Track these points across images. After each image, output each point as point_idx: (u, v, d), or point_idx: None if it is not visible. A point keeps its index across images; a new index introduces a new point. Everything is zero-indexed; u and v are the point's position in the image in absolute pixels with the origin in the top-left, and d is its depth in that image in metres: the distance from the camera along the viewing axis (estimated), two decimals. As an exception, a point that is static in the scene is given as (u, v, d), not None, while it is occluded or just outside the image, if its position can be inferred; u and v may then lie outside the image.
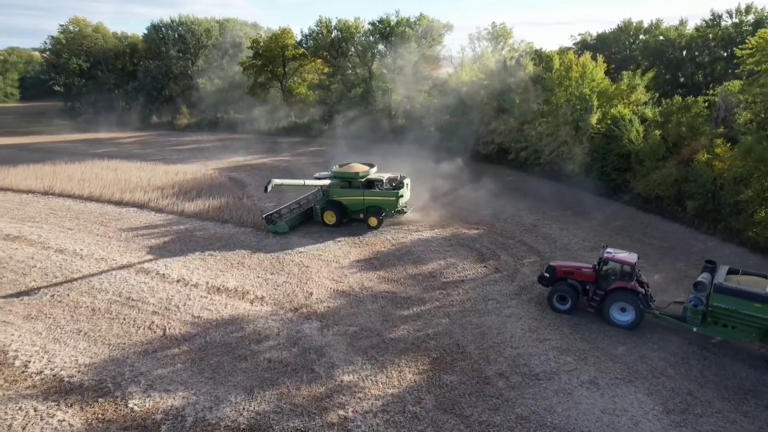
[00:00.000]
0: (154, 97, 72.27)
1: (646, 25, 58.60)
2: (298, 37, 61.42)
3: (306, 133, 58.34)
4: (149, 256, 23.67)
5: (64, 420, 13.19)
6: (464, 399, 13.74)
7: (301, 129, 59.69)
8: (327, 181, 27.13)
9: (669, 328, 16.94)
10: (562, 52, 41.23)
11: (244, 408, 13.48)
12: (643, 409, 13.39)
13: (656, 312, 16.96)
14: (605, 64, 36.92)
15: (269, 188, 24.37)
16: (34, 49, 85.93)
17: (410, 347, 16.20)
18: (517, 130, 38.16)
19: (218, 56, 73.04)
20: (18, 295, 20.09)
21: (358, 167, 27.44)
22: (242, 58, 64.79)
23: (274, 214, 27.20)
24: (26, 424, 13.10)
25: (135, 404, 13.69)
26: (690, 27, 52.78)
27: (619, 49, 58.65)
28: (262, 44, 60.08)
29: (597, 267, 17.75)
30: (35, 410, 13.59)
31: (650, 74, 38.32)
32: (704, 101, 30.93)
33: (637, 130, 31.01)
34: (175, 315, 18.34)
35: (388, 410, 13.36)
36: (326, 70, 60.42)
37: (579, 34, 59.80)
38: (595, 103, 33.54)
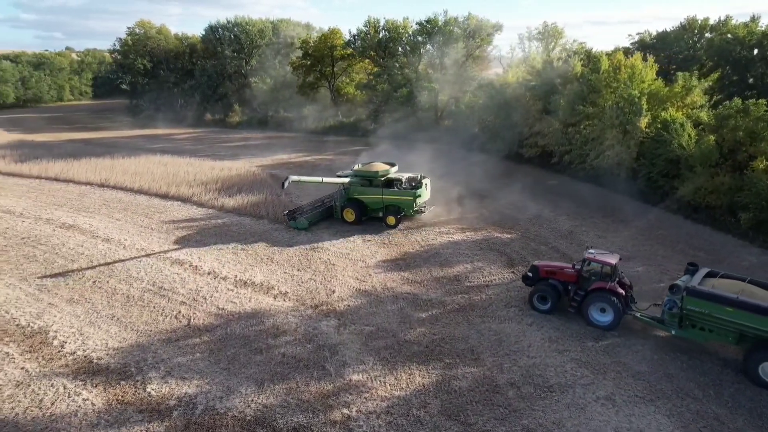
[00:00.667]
0: (209, 96, 75.22)
1: (712, 22, 55.09)
2: (347, 38, 62.08)
3: (352, 132, 59.01)
4: (185, 248, 24.69)
5: (88, 399, 14.00)
6: (471, 407, 13.47)
7: (348, 128, 60.42)
8: (346, 179, 27.43)
9: (701, 349, 15.91)
10: (613, 52, 39.44)
11: (252, 400, 13.82)
12: (661, 431, 12.65)
13: (637, 314, 16.70)
14: (657, 65, 35.07)
15: (286, 184, 24.90)
16: (108, 51, 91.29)
17: (424, 350, 16.05)
18: (561, 132, 36.94)
19: (271, 56, 75.05)
20: (65, 279, 21.49)
21: (379, 166, 27.73)
22: (292, 58, 66.24)
23: (296, 210, 27.92)
24: (55, 400, 14.01)
25: (152, 389, 14.34)
26: (762, 24, 49.14)
27: (681, 48, 55.50)
28: (311, 44, 61.21)
29: (578, 267, 17.84)
30: (64, 388, 14.51)
31: (715, 75, 36.02)
32: (766, 104, 28.77)
33: (689, 135, 29.29)
34: (201, 306, 19.04)
35: (392, 412, 13.31)
36: (373, 69, 60.74)
37: (637, 33, 57.03)
38: (645, 105, 31.92)
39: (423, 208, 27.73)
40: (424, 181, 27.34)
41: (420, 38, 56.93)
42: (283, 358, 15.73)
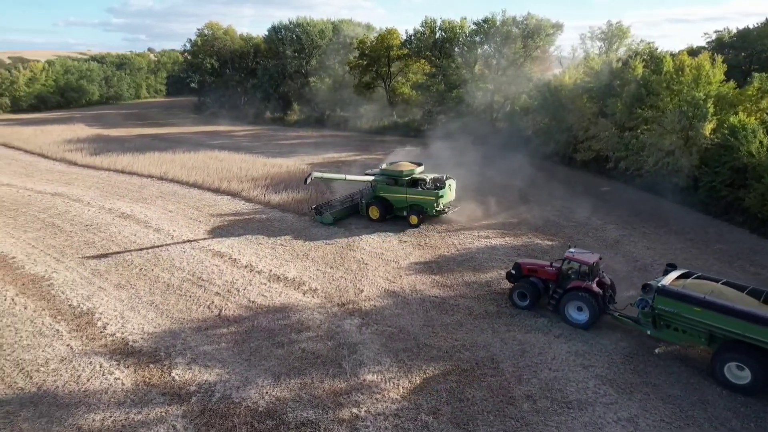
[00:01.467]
0: (270, 94, 77.68)
1: (803, 19, 50.40)
2: (404, 38, 62.13)
3: (406, 132, 58.99)
4: (227, 241, 25.67)
5: (119, 378, 14.89)
6: (481, 416, 13.13)
7: (401, 128, 60.47)
8: (370, 177, 28.00)
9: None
10: (679, 52, 37.05)
11: (267, 392, 14.18)
12: (686, 459, 11.79)
13: (615, 314, 16.90)
14: (725, 66, 32.56)
15: (308, 180, 25.84)
16: (179, 51, 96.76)
17: (443, 355, 15.82)
18: (617, 136, 35.18)
19: (330, 56, 76.46)
20: (116, 265, 22.96)
21: (405, 166, 28.07)
22: (350, 58, 67.16)
23: (323, 205, 28.73)
24: (91, 377, 15.02)
25: (177, 374, 15.04)
26: None
27: (766, 47, 51.20)
28: (368, 45, 61.79)
29: (557, 266, 18.16)
30: (100, 366, 15.53)
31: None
32: None
33: (760, 142, 27.05)
34: (234, 298, 19.73)
35: (400, 416, 13.22)
36: (429, 70, 60.46)
37: (715, 32, 53.11)
38: (711, 109, 29.76)
39: (446, 209, 27.61)
40: (447, 182, 27.24)
41: (477, 38, 56.08)
42: (302, 354, 16.02)
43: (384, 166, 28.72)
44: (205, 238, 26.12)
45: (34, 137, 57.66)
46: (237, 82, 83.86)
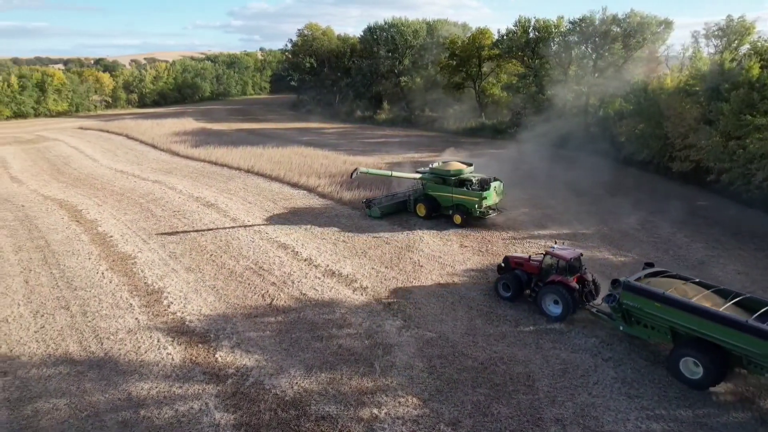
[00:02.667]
0: (362, 93, 79.62)
1: None
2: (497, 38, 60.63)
3: (493, 134, 57.67)
4: (293, 234, 26.79)
5: (170, 354, 16.21)
6: (503, 434, 12.56)
7: (488, 130, 59.13)
8: (416, 175, 28.92)
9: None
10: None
11: (296, 383, 14.67)
12: None
13: (592, 309, 17.37)
14: None
15: (354, 175, 27.36)
16: (281, 51, 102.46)
17: (477, 366, 15.33)
18: (721, 146, 31.61)
19: (423, 56, 76.64)
20: (190, 250, 24.94)
21: (454, 165, 28.32)
22: (440, 59, 66.85)
23: (373, 199, 29.69)
24: (148, 349, 16.50)
25: (220, 355, 16.05)
26: None
27: None
28: (458, 45, 61.09)
29: (539, 260, 18.76)
30: (158, 341, 17.00)
31: None
32: None
33: None
34: (287, 289, 20.59)
35: (419, 422, 13.04)
36: (520, 71, 58.46)
37: None
38: (837, 118, 25.77)
39: (490, 212, 27.37)
40: (492, 184, 26.97)
41: (573, 38, 53.21)
42: (338, 349, 16.34)
43: (434, 165, 29.09)
44: (274, 230, 27.47)
45: (150, 129, 64.09)
46: (332, 81, 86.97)
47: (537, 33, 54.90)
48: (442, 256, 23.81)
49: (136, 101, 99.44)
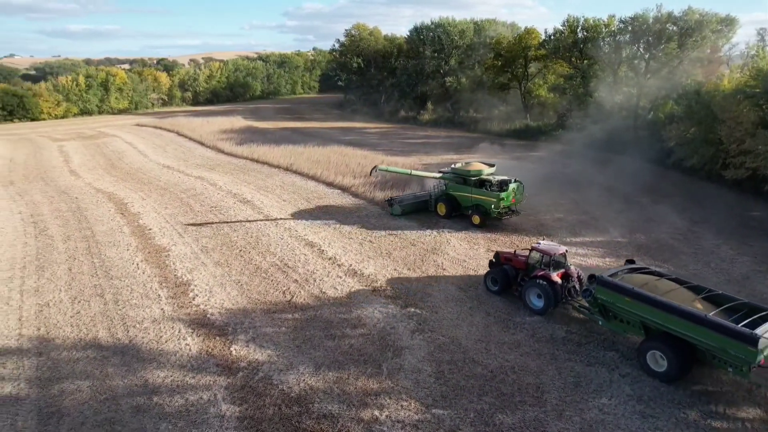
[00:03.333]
0: (407, 93, 79.53)
1: None
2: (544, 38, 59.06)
3: (536, 136, 56.29)
4: (322, 233, 27.15)
5: (188, 345, 16.84)
6: (503, 446, 12.27)
7: (533, 132, 57.72)
8: (436, 174, 29.45)
9: None
10: None
11: (304, 380, 14.89)
12: None
13: (575, 304, 17.87)
14: None
15: (373, 172, 28.71)
16: (329, 51, 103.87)
17: (486, 374, 15.04)
18: (780, 153, 29.49)
19: (470, 56, 75.69)
20: (221, 245, 25.77)
21: (475, 166, 28.51)
22: (486, 59, 65.86)
23: (396, 198, 30.24)
24: (168, 339, 17.20)
25: (234, 349, 16.52)
26: None
27: None
28: (504, 45, 59.97)
29: (526, 255, 19.41)
30: (179, 331, 17.69)
31: None
32: None
33: None
34: (308, 287, 20.91)
35: (419, 427, 12.94)
36: (567, 71, 56.72)
37: None
38: None
39: (508, 213, 27.39)
40: (511, 186, 26.86)
41: (624, 37, 51.07)
42: (349, 349, 16.45)
43: (456, 165, 29.29)
44: (303, 228, 27.94)
45: (199, 127, 66.60)
46: (378, 81, 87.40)
47: (585, 33, 53.02)
48: (466, 260, 23.48)
49: (191, 99, 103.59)
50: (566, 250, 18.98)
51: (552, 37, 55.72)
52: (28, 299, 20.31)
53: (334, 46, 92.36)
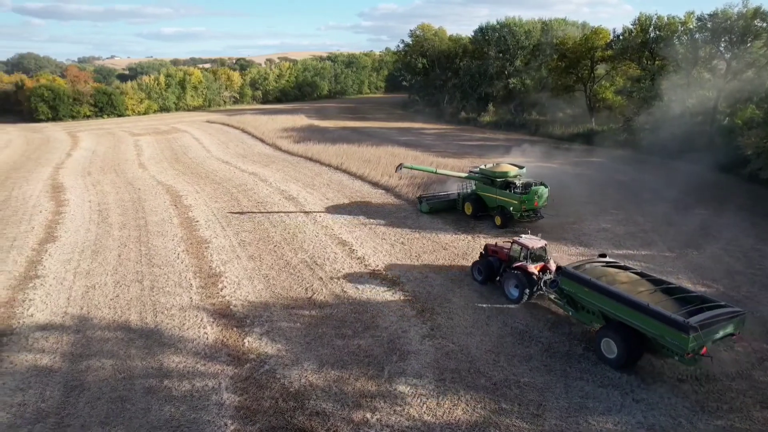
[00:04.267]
0: (469, 95, 78.37)
1: None
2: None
3: (600, 141, 53.56)
4: (357, 232, 27.43)
5: (207, 333, 17.67)
6: (489, 462, 11.87)
7: (597, 137, 54.95)
8: (461, 174, 30.34)
9: None
10: None
11: (305, 376, 15.17)
12: None
13: (551, 296, 18.39)
14: None
15: (398, 170, 30.14)
16: (393, 51, 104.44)
17: (489, 386, 14.60)
18: None
19: (536, 57, 73.33)
20: (258, 239, 26.74)
21: (503, 167, 28.68)
22: (549, 61, 63.54)
23: (424, 195, 31.13)
24: (190, 327, 18.13)
25: (248, 341, 17.13)
26: None
27: None
28: (569, 45, 57.57)
29: (508, 248, 20.50)
30: (201, 320, 18.59)
31: None
32: None
33: None
34: (331, 285, 21.24)
35: (407, 434, 12.81)
36: (635, 73, 53.48)
37: None
38: None
39: (532, 216, 27.29)
40: (533, 189, 26.77)
41: (703, 35, 47.39)
42: (356, 349, 16.56)
43: (484, 166, 29.69)
44: (340, 227, 28.37)
45: (263, 125, 69.30)
46: (442, 82, 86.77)
47: (658, 32, 49.72)
48: (496, 267, 22.81)
49: (260, 97, 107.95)
50: (546, 244, 20.07)
51: (620, 37, 52.78)
52: (79, 281, 22.13)
53: (398, 46, 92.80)
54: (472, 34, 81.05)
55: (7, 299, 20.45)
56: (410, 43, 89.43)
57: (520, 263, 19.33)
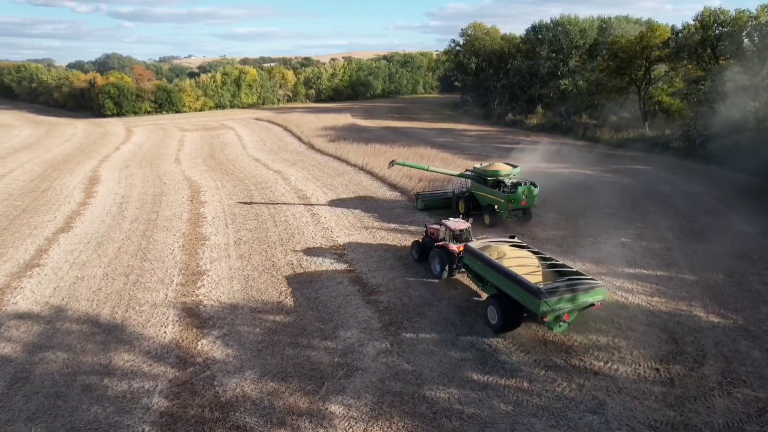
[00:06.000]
0: (518, 96, 75.31)
1: None
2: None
3: (652, 148, 49.52)
4: (356, 236, 26.62)
5: (166, 332, 17.50)
6: (394, 502, 10.68)
7: (648, 143, 50.89)
8: (453, 171, 30.92)
9: None
10: None
11: (241, 386, 14.56)
12: None
13: (461, 270, 20.47)
14: None
15: (390, 167, 30.94)
16: (444, 51, 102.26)
17: (428, 414, 13.32)
18: None
19: (593, 57, 69.19)
20: (254, 239, 26.54)
21: (495, 166, 28.76)
22: (599, 61, 59.65)
23: (420, 193, 31.46)
24: (153, 325, 18.02)
25: (202, 343, 16.78)
26: None
27: None
28: (622, 44, 53.65)
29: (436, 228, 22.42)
30: (167, 318, 18.48)
31: None
32: None
33: None
34: (306, 290, 20.56)
35: (320, 460, 11.85)
36: (694, 74, 48.93)
37: None
38: None
39: (521, 216, 27.38)
40: (521, 188, 26.56)
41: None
42: (305, 361, 15.76)
43: (479, 165, 29.74)
44: (341, 230, 27.66)
45: (305, 123, 70.01)
46: (492, 83, 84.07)
47: (722, 28, 45.14)
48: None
49: (314, 96, 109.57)
50: (468, 226, 21.65)
51: (679, 35, 48.46)
52: (73, 271, 22.83)
53: (450, 45, 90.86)
54: (523, 33, 77.89)
55: (1, 286, 21.38)
56: (462, 42, 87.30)
57: (443, 242, 21.04)
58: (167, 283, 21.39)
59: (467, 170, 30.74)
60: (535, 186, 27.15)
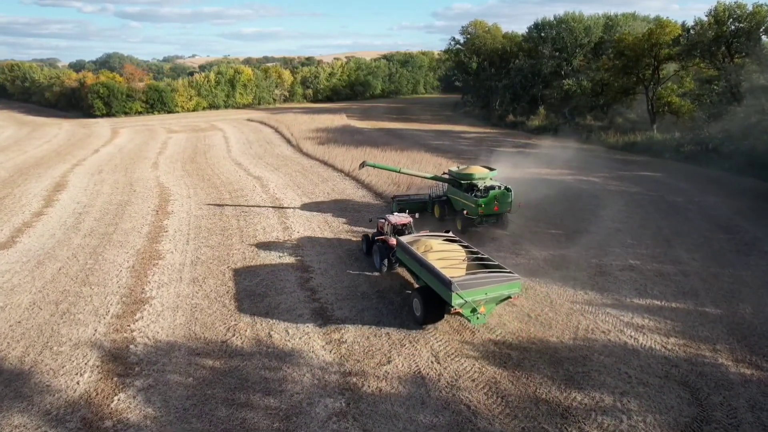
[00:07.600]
0: (519, 96, 72.12)
1: None
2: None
3: (660, 152, 46.24)
4: (326, 255, 23.62)
5: (79, 383, 14.57)
6: None
7: (657, 147, 47.61)
8: (426, 174, 29.11)
9: None
10: None
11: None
12: None
13: (396, 264, 20.60)
14: None
15: (361, 168, 29.28)
16: (444, 51, 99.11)
17: None
18: None
19: (598, 56, 65.92)
20: (215, 258, 23.54)
21: (471, 170, 27.41)
22: (603, 59, 56.39)
23: (396, 196, 29.42)
24: (68, 371, 15.07)
25: (118, 399, 13.77)
26: None
27: None
28: (627, 42, 50.34)
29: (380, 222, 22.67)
30: (86, 363, 15.50)
31: None
32: None
33: None
34: (259, 325, 17.57)
35: None
36: (706, 73, 45.63)
37: None
38: None
39: (494, 221, 25.75)
40: (492, 193, 25.08)
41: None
42: (237, 425, 12.75)
43: (455, 168, 28.56)
44: (313, 247, 24.68)
45: (298, 124, 67.08)
46: (493, 83, 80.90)
47: (738, 23, 41.85)
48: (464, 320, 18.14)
49: (311, 96, 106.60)
50: (410, 221, 21.94)
51: (690, 32, 45.17)
52: (-2, 298, 19.92)
53: (450, 44, 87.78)
54: (525, 31, 74.70)
55: None
56: (462, 41, 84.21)
57: (382, 236, 21.30)
58: (101, 315, 18.44)
59: (444, 173, 29.04)
60: (510, 190, 25.70)
